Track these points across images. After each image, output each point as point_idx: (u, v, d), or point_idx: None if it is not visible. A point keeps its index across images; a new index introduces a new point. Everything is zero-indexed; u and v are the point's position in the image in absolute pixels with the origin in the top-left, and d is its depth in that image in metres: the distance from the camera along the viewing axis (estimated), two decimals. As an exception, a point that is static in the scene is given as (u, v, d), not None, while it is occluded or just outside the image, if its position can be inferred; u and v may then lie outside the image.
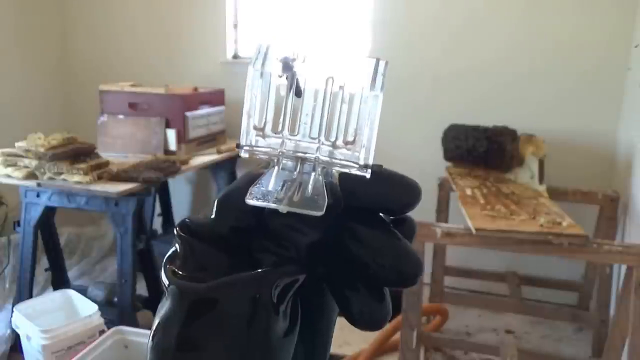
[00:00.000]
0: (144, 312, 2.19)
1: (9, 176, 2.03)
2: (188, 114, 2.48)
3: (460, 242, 1.74)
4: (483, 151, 2.28)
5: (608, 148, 2.55)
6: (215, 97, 2.77)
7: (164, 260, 0.25)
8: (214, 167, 2.75)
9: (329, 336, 0.28)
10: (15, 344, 2.11)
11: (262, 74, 0.23)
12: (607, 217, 2.29)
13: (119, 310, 2.07)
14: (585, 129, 2.57)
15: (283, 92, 0.23)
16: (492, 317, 2.61)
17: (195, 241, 0.24)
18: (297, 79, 0.23)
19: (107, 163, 2.10)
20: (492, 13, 2.63)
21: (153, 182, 2.03)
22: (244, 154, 0.24)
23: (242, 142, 0.24)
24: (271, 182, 0.23)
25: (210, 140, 2.69)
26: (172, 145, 2.46)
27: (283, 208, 0.23)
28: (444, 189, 2.45)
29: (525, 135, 2.31)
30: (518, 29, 2.60)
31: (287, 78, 0.23)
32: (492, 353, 2.09)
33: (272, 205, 0.23)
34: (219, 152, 2.63)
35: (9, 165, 2.04)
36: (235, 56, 3.14)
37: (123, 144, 2.48)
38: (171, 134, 2.45)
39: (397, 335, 1.97)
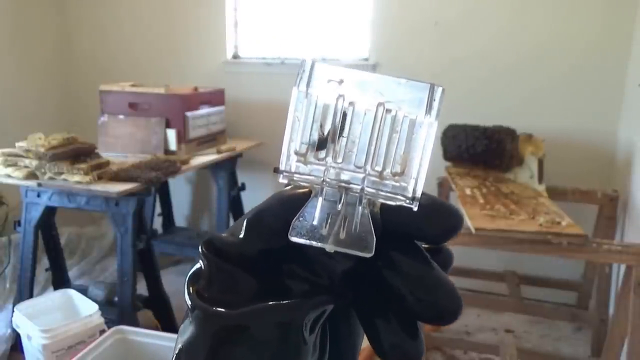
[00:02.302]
0: (144, 312, 2.20)
1: (9, 176, 2.03)
2: (188, 114, 2.49)
3: (460, 242, 1.74)
4: (482, 151, 2.29)
5: (607, 147, 2.55)
6: (216, 97, 2.77)
7: (187, 278, 0.23)
8: (214, 167, 2.76)
9: (354, 359, 0.27)
10: (16, 344, 2.12)
11: (306, 95, 0.22)
12: (606, 216, 2.29)
13: (119, 309, 2.07)
14: (584, 128, 2.57)
15: (328, 115, 0.22)
16: (492, 316, 2.61)
17: (221, 261, 0.23)
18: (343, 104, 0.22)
19: (107, 163, 2.10)
20: (492, 13, 2.63)
21: (153, 182, 2.03)
22: (282, 180, 0.22)
23: (282, 167, 0.22)
24: (315, 216, 0.22)
25: (210, 140, 2.69)
26: (172, 145, 2.46)
27: (330, 247, 0.21)
28: (443, 189, 2.46)
29: (525, 135, 2.31)
30: (518, 30, 2.61)
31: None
32: (491, 352, 2.09)
33: (318, 244, 0.21)
34: (219, 152, 2.63)
35: (9, 165, 2.05)
36: (236, 56, 3.15)
37: (123, 144, 2.48)
38: (171, 134, 2.45)
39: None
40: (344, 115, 0.22)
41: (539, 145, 2.27)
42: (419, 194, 0.22)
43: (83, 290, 2.14)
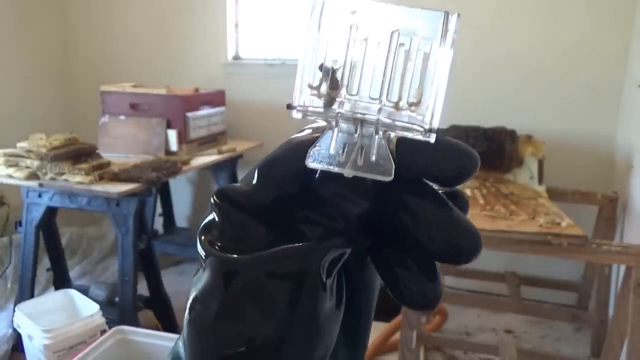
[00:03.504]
0: (145, 312, 2.20)
1: (10, 176, 2.04)
2: (189, 114, 2.49)
3: (460, 242, 1.74)
4: (482, 152, 2.29)
5: (607, 148, 2.55)
6: (216, 98, 2.78)
7: (199, 229, 0.23)
8: (214, 167, 2.76)
9: (370, 312, 0.26)
10: (17, 344, 2.12)
11: (319, 28, 0.21)
12: (606, 217, 2.29)
13: (120, 310, 2.07)
14: (584, 129, 2.58)
15: (342, 46, 0.21)
16: (492, 317, 2.61)
17: (234, 210, 0.22)
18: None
19: (108, 163, 2.11)
20: (491, 15, 2.64)
21: (154, 183, 2.03)
22: (296, 115, 0.22)
23: (295, 102, 0.22)
24: (332, 145, 0.21)
25: (211, 140, 2.69)
26: (173, 145, 2.46)
27: (349, 172, 0.21)
28: (443, 189, 2.46)
29: (525, 136, 2.31)
30: (517, 32, 2.61)
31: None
32: (491, 353, 2.10)
33: (336, 169, 0.21)
34: (219, 152, 2.64)
35: (10, 166, 2.05)
36: (236, 57, 3.15)
37: (124, 144, 2.49)
38: (172, 135, 2.46)
39: (397, 335, 1.97)
40: (357, 47, 0.21)
41: (539, 146, 2.28)
42: (435, 125, 0.21)
43: (84, 291, 2.14)
